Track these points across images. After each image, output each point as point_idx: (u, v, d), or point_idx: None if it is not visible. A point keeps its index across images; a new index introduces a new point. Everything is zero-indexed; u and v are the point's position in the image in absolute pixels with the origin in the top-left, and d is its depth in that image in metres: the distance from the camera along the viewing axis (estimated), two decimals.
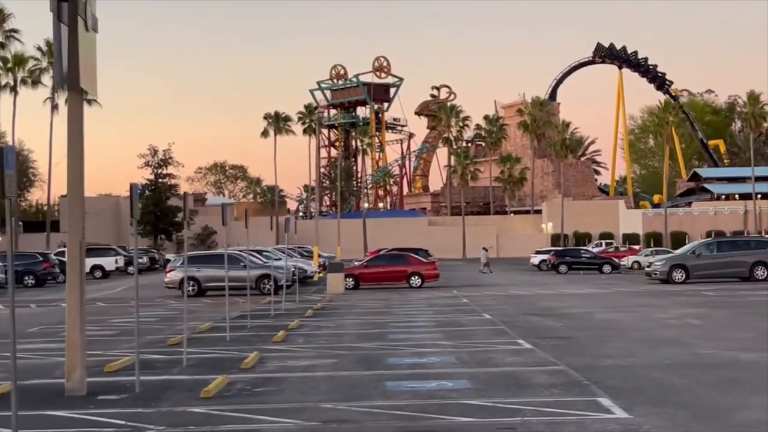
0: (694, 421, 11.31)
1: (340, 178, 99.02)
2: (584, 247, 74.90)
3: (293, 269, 42.37)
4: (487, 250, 66.78)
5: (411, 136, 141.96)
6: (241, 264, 40.22)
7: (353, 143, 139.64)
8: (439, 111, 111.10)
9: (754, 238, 49.33)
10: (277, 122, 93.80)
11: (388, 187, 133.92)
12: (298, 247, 68.83)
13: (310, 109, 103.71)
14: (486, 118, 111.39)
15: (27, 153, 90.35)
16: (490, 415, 11.75)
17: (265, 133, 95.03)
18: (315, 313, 29.29)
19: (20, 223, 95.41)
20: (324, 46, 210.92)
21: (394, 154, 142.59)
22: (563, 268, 61.87)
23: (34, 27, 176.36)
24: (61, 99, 76.97)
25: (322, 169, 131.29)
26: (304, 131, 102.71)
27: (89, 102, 78.39)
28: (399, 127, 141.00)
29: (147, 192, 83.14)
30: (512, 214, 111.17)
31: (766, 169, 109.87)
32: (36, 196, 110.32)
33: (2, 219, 77.18)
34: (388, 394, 13.55)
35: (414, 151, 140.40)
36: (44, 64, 73.76)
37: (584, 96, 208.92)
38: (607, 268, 60.71)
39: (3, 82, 72.75)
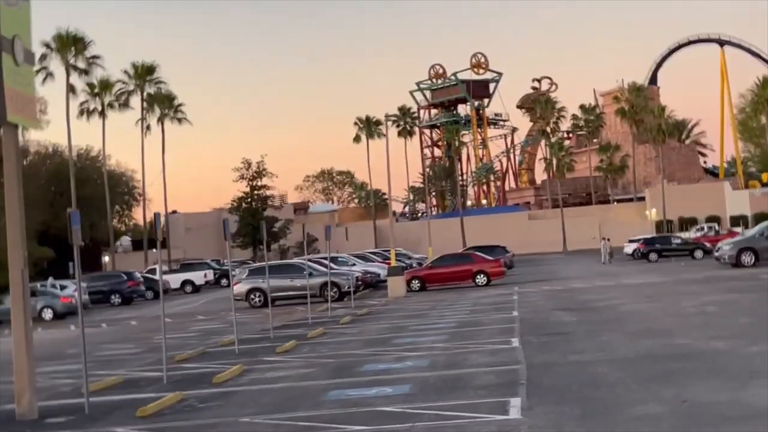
0: (580, 418, 11.35)
1: (435, 177, 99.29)
2: (675, 234, 73.27)
3: (357, 275, 42.87)
4: (608, 240, 65.22)
5: (514, 130, 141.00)
6: (305, 273, 41.15)
7: (455, 142, 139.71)
8: (534, 104, 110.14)
9: None
10: (368, 127, 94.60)
11: (491, 184, 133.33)
12: (385, 251, 69.62)
13: (404, 111, 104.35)
14: (582, 107, 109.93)
15: (131, 173, 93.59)
16: (389, 422, 12.01)
17: (357, 139, 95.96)
18: (354, 320, 29.76)
19: (129, 240, 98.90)
20: (421, 47, 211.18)
21: (499, 150, 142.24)
22: (653, 256, 60.90)
23: (116, 50, 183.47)
24: (153, 119, 79.80)
25: (427, 170, 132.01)
26: (399, 133, 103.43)
27: (180, 121, 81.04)
28: (501, 122, 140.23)
29: (243, 204, 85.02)
30: (615, 203, 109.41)
31: None
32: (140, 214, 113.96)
33: (107, 242, 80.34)
34: (320, 404, 13.91)
35: (517, 145, 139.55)
36: (131, 87, 76.57)
37: (688, 78, 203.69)
38: (698, 254, 59.47)
39: (91, 107, 75.58)
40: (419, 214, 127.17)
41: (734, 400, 11.62)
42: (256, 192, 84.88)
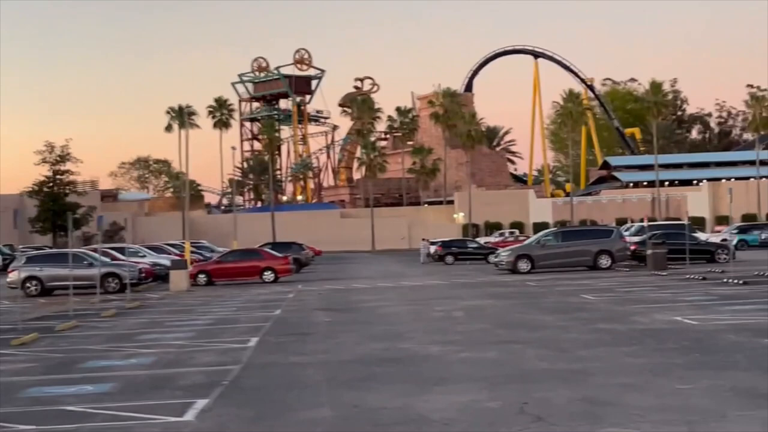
0: (248, 421, 11.49)
1: (251, 171, 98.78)
2: (470, 238, 75.28)
3: (141, 267, 42.10)
4: (428, 241, 66.71)
5: (335, 128, 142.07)
6: (85, 262, 40.14)
7: (274, 136, 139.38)
8: (351, 103, 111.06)
9: (598, 227, 50.14)
10: (181, 116, 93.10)
11: (309, 180, 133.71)
12: (188, 242, 68.56)
13: (220, 102, 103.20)
14: (398, 109, 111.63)
15: None
16: (62, 422, 11.80)
17: (169, 128, 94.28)
18: (118, 313, 29.11)
19: None
20: (246, 39, 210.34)
21: (320, 146, 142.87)
22: (449, 258, 62.24)
23: None
24: None
25: (243, 163, 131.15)
26: (215, 125, 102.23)
27: None
28: (323, 119, 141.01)
29: (44, 189, 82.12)
30: (426, 205, 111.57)
31: (673, 157, 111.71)
32: None
33: None
34: (11, 401, 13.55)
35: (337, 143, 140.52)
36: None
37: (504, 87, 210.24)
38: (492, 258, 61.13)
39: None
40: (236, 207, 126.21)
41: (404, 406, 11.97)
42: (58, 177, 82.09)
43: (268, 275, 43.53)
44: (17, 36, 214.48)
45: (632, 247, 44.26)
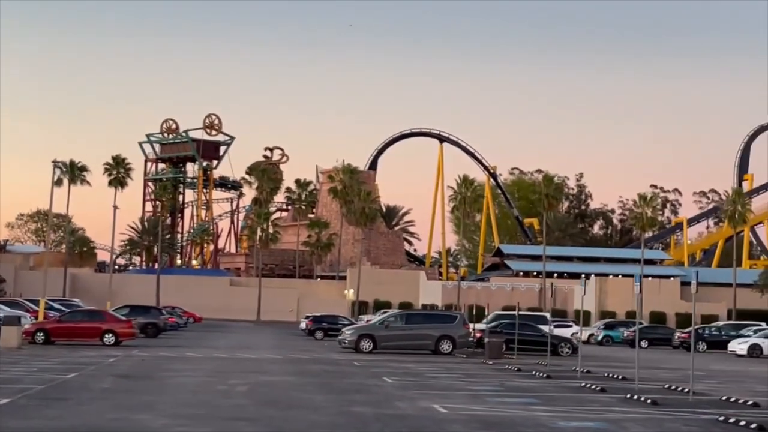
0: None
1: (145, 232, 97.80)
2: (343, 315, 75.24)
3: None
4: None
5: (241, 195, 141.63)
6: None
7: (180, 199, 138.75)
8: (252, 173, 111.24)
9: (443, 313, 50.65)
10: (72, 171, 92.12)
11: (207, 245, 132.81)
12: (57, 300, 67.38)
13: (118, 161, 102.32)
14: (297, 181, 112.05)
15: None
16: None
17: (59, 182, 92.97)
18: None
19: None
20: (158, 99, 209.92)
21: (225, 212, 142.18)
22: (319, 333, 62.15)
23: None
24: None
25: (143, 223, 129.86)
26: (110, 183, 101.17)
27: None
28: (229, 185, 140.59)
29: None
30: (318, 279, 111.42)
31: (563, 249, 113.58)
32: None
33: None
34: None
35: (242, 210, 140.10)
36: None
37: (408, 167, 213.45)
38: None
39: None
40: (125, 268, 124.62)
41: None
42: None
43: (109, 338, 42.81)
44: None
45: (478, 335, 44.73)
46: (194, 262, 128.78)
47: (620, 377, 30.34)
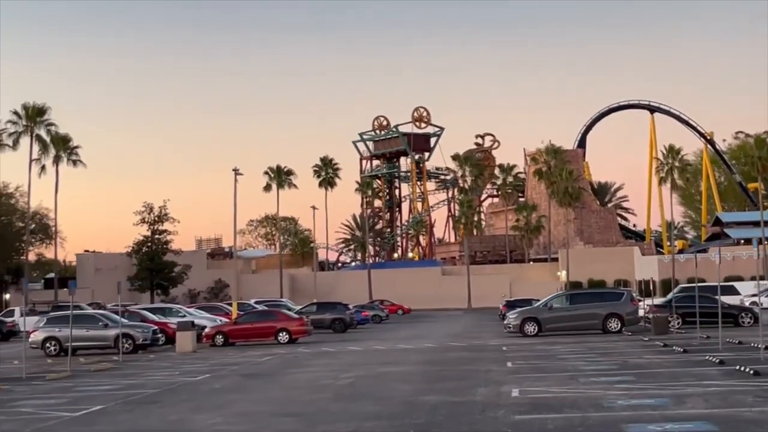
0: None
1: (359, 229, 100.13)
2: (537, 298, 73.86)
3: (154, 329, 43.35)
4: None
5: (455, 184, 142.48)
6: (101, 323, 42.02)
7: (396, 193, 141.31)
8: (455, 161, 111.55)
9: (608, 290, 48.50)
10: (279, 176, 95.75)
11: (424, 237, 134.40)
12: (264, 302, 69.95)
13: (325, 162, 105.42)
14: (500, 167, 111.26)
15: (45, 211, 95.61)
16: None
17: (268, 188, 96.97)
18: (73, 375, 30.29)
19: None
20: (368, 97, 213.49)
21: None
22: None
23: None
24: (48, 160, 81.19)
25: (352, 221, 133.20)
26: (320, 184, 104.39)
27: (75, 163, 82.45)
28: (442, 176, 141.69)
29: (144, 248, 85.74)
30: (531, 262, 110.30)
31: None
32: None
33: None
34: None
35: (454, 199, 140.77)
36: (20, 128, 78.66)
37: (618, 142, 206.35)
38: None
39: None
40: (346, 264, 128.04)
41: None
42: (156, 236, 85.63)
43: (283, 336, 44.18)
44: (117, 92, 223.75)
45: (653, 310, 42.92)
46: (411, 254, 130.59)
47: None
